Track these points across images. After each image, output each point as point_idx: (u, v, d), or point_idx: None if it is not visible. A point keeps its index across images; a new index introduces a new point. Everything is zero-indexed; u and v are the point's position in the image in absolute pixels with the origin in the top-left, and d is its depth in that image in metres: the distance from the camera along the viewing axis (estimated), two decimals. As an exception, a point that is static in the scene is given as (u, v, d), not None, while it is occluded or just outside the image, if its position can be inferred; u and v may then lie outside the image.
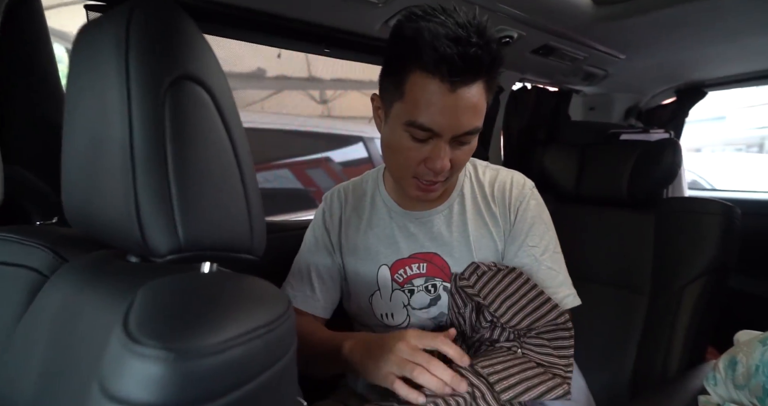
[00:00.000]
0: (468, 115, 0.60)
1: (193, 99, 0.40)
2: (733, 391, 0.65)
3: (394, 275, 0.76)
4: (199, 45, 0.42)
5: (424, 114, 0.60)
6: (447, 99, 0.58)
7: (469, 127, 0.61)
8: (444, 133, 0.61)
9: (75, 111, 0.43)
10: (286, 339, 0.36)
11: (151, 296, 0.30)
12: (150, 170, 0.37)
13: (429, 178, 0.66)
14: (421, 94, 0.59)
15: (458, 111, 0.59)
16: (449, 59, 0.56)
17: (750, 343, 0.66)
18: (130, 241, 0.38)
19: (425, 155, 0.64)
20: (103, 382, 0.25)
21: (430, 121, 0.60)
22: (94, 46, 0.41)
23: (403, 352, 0.58)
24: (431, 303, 0.75)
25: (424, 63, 0.57)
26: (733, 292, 1.04)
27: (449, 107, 0.59)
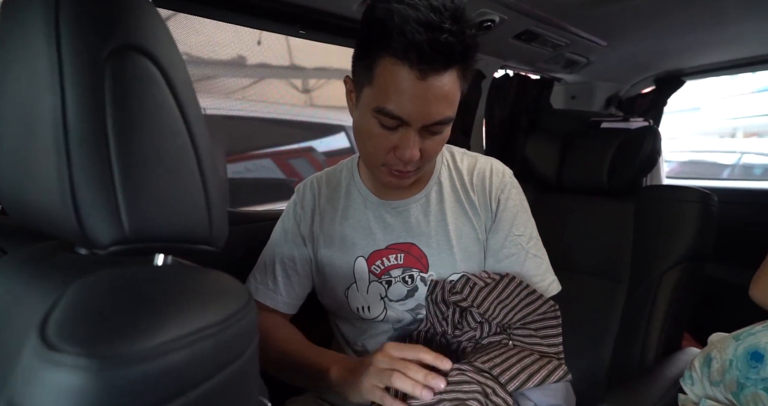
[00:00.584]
0: (439, 104, 0.58)
1: (138, 72, 0.35)
2: (709, 388, 0.65)
3: (371, 267, 0.73)
4: (146, 12, 0.37)
5: (392, 101, 0.57)
6: (416, 87, 0.55)
7: (439, 116, 0.59)
8: (413, 122, 0.58)
9: (2, 85, 0.38)
10: (244, 338, 0.33)
11: (82, 293, 0.26)
12: (87, 151, 0.33)
13: (398, 167, 0.64)
14: (390, 80, 0.56)
15: (428, 100, 0.57)
16: (418, 46, 0.52)
17: (724, 340, 0.66)
18: (66, 230, 0.34)
19: (394, 144, 0.61)
20: (12, 399, 0.21)
21: (398, 109, 0.57)
22: (20, 15, 0.36)
23: (381, 363, 0.57)
24: (408, 294, 0.73)
25: (393, 49, 0.54)
26: (709, 279, 1.05)
27: (418, 96, 0.56)
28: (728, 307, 0.86)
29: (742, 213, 1.49)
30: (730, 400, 0.61)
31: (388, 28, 0.54)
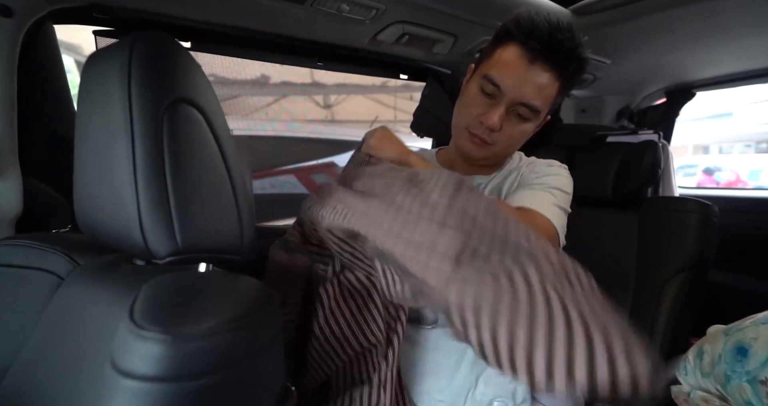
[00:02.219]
0: (533, 88, 0.67)
1: (187, 118, 0.45)
2: (701, 379, 0.69)
3: None
4: (194, 72, 0.47)
5: (498, 70, 0.68)
6: (522, 66, 0.66)
7: (530, 99, 0.68)
8: (507, 93, 0.68)
9: (84, 129, 0.48)
10: (271, 330, 0.41)
11: (152, 291, 0.35)
12: (150, 182, 0.42)
13: (478, 132, 0.72)
14: (506, 56, 0.68)
15: (527, 80, 0.67)
16: (540, 33, 0.64)
17: (716, 334, 0.70)
18: (133, 246, 0.44)
19: (484, 110, 0.70)
20: (114, 361, 0.30)
21: (500, 76, 0.68)
22: (101, 73, 0.46)
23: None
24: None
25: (519, 32, 0.66)
26: (714, 285, 1.08)
27: (521, 74, 0.67)
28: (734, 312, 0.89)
29: (745, 221, 1.50)
30: (719, 391, 0.65)
31: (520, 19, 0.67)
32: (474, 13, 0.96)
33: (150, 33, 0.44)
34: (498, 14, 0.98)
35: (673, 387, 0.75)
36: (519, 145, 0.78)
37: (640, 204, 1.11)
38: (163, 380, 0.29)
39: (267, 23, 0.89)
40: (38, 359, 0.50)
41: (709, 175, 6.11)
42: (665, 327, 0.94)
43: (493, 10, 0.96)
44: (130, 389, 0.29)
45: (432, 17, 0.95)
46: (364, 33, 0.97)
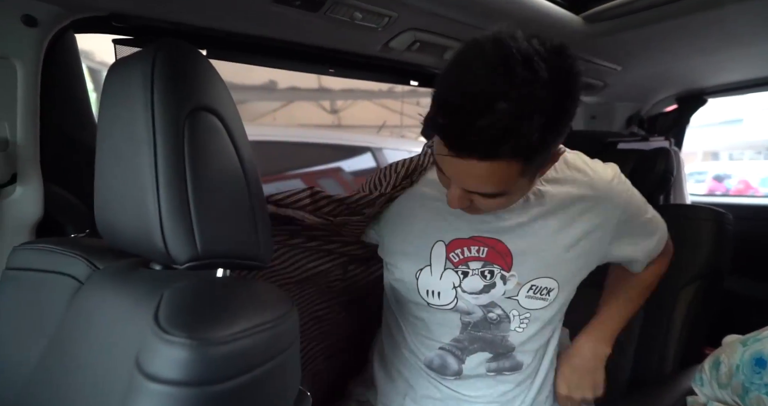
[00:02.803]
0: (481, 182, 0.53)
1: (207, 127, 0.46)
2: (718, 390, 0.68)
3: (449, 254, 0.71)
4: (213, 80, 0.48)
5: (439, 159, 0.55)
6: (452, 162, 0.52)
7: (479, 190, 0.55)
8: (453, 181, 0.57)
9: (106, 137, 0.49)
10: (289, 335, 0.42)
11: (176, 296, 0.36)
12: (172, 189, 0.43)
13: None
14: (438, 143, 0.53)
15: (467, 173, 0.52)
16: (454, 125, 0.48)
17: (732, 344, 0.69)
18: (154, 251, 0.44)
19: (446, 185, 0.60)
20: (140, 365, 0.31)
21: (440, 163, 0.56)
22: (123, 82, 0.47)
23: None
24: (484, 290, 0.71)
25: (433, 121, 0.52)
26: (729, 294, 1.07)
27: (456, 166, 0.52)
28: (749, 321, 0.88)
29: (759, 229, 1.48)
30: (737, 402, 0.64)
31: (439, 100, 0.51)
32: (485, 21, 0.96)
33: (171, 42, 0.45)
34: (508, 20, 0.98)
35: (688, 398, 0.74)
36: (520, 194, 0.61)
37: (653, 211, 1.10)
38: (188, 385, 0.29)
39: (281, 31, 0.90)
40: (59, 361, 0.50)
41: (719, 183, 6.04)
42: (679, 336, 0.94)
43: (502, 17, 0.96)
44: (156, 393, 0.29)
45: (443, 25, 0.96)
46: (376, 40, 0.98)
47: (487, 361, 0.74)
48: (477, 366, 0.74)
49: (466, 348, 0.74)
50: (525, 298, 0.70)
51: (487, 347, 0.73)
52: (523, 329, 0.73)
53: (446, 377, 0.75)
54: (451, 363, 0.74)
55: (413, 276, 0.73)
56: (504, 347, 0.74)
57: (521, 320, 0.72)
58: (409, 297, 0.75)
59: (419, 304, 0.74)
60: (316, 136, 3.09)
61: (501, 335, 0.73)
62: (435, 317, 0.74)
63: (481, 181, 0.53)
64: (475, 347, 0.74)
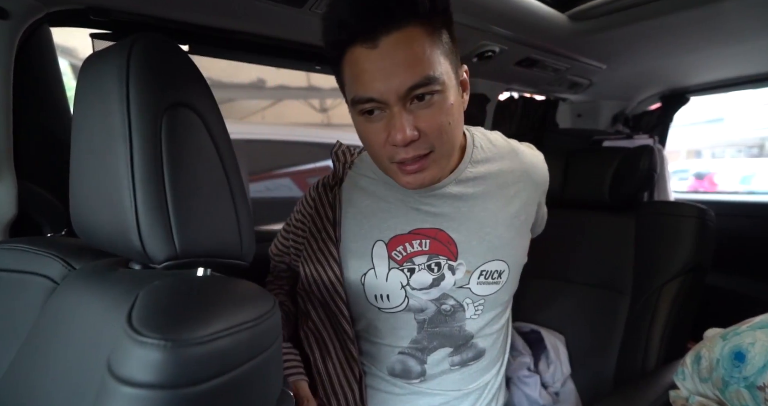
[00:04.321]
0: (405, 67, 0.53)
1: (185, 122, 0.45)
2: (699, 384, 0.69)
3: (391, 253, 0.68)
4: (192, 74, 0.47)
5: (358, 85, 0.55)
6: (372, 59, 0.53)
7: (412, 80, 0.53)
8: (387, 97, 0.54)
9: (81, 133, 0.48)
10: (270, 334, 0.41)
11: (151, 296, 0.35)
12: (148, 186, 0.42)
13: (402, 156, 0.57)
14: (350, 67, 0.55)
15: (390, 68, 0.53)
16: (345, 17, 0.52)
17: (713, 338, 0.70)
18: (131, 250, 0.43)
19: (386, 133, 0.57)
20: (112, 367, 0.30)
21: (366, 90, 0.54)
22: (98, 75, 0.46)
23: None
24: (433, 283, 0.68)
25: (334, 37, 0.55)
26: (711, 289, 1.08)
27: (379, 68, 0.53)
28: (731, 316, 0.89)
29: (742, 225, 1.51)
30: (718, 396, 0.65)
31: (324, 25, 0.55)
32: (471, 18, 0.96)
33: (148, 35, 0.44)
34: (495, 19, 0.99)
35: (671, 392, 0.75)
36: (458, 123, 0.60)
37: (637, 208, 1.12)
38: (161, 387, 0.28)
39: (265, 26, 0.88)
40: (32, 364, 0.49)
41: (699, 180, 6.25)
42: (663, 331, 0.95)
43: (489, 14, 0.96)
44: (128, 396, 0.28)
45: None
46: (362, 37, 0.97)
47: (449, 355, 0.72)
48: (440, 362, 0.72)
49: (426, 347, 0.71)
50: (477, 285, 0.68)
51: (447, 341, 0.71)
52: (478, 315, 0.71)
53: (411, 381, 0.72)
54: (413, 366, 0.72)
55: (359, 282, 0.70)
56: (463, 338, 0.72)
57: (476, 308, 0.70)
58: (359, 305, 0.72)
59: (370, 310, 0.71)
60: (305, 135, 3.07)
61: (458, 326, 0.71)
62: (389, 323, 0.71)
63: (404, 67, 0.53)
64: (435, 344, 0.71)
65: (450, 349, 0.72)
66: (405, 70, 0.53)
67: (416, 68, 0.53)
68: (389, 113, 0.56)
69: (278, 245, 0.86)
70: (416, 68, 0.53)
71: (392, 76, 0.53)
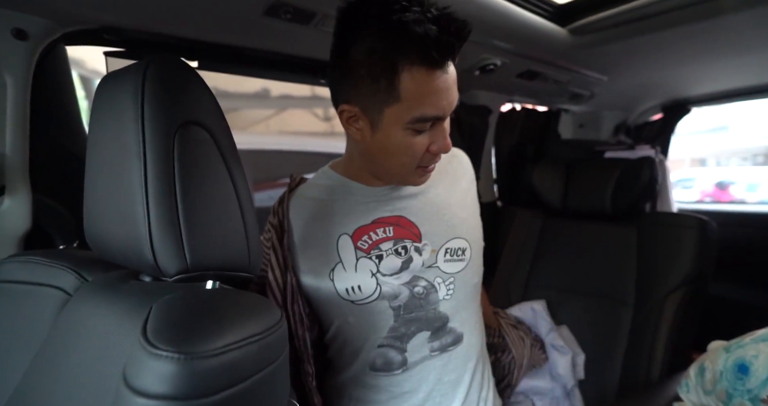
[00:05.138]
0: (455, 87, 0.62)
1: (197, 140, 0.46)
2: (703, 396, 0.69)
3: (356, 243, 0.71)
4: (203, 94, 0.49)
5: (428, 105, 0.60)
6: (442, 81, 0.59)
7: (455, 102, 0.63)
8: (446, 114, 0.62)
9: (96, 149, 0.50)
10: (277, 346, 0.42)
11: (164, 309, 0.36)
12: (161, 202, 0.43)
13: (432, 163, 0.67)
14: (422, 86, 0.58)
15: (451, 88, 0.61)
16: (435, 41, 0.55)
17: (716, 351, 0.70)
18: (143, 263, 0.45)
19: (428, 143, 0.64)
20: (127, 379, 0.31)
21: (435, 109, 0.60)
22: (113, 95, 0.48)
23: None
24: (403, 266, 0.71)
25: (413, 55, 0.57)
26: (716, 299, 1.09)
27: (446, 88, 0.60)
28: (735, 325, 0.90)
29: (744, 235, 1.51)
30: (721, 410, 0.66)
31: (404, 38, 0.56)
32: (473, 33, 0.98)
33: (162, 57, 0.46)
34: (496, 34, 1.01)
35: (675, 404, 0.75)
36: None
37: (639, 218, 1.12)
38: (175, 399, 0.30)
39: (272, 43, 0.91)
40: (46, 375, 0.50)
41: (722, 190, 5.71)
42: (666, 342, 0.95)
43: (491, 29, 0.98)
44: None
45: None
46: (366, 52, 0.99)
47: (429, 341, 0.72)
48: (420, 348, 0.72)
49: (404, 334, 0.72)
50: (444, 262, 0.72)
51: (424, 325, 0.72)
52: (451, 295, 0.73)
53: (393, 372, 0.72)
54: (394, 356, 0.72)
55: (327, 278, 0.70)
56: (439, 320, 0.73)
57: (447, 287, 0.73)
58: (331, 306, 0.73)
59: (343, 306, 0.71)
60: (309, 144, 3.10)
61: (432, 308, 0.72)
62: (363, 315, 0.71)
63: (454, 86, 0.61)
64: (413, 329, 0.72)
65: (428, 332, 0.72)
66: (455, 90, 0.62)
67: (456, 90, 0.62)
68: (439, 125, 0.63)
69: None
70: (456, 90, 0.62)
71: (452, 96, 0.61)
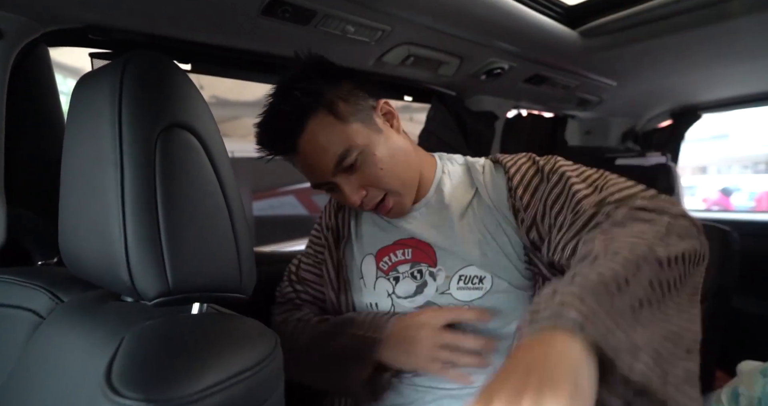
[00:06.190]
0: (322, 155, 0.64)
1: (182, 145, 0.41)
2: (738, 424, 0.64)
3: (379, 263, 0.74)
4: (190, 94, 0.44)
5: (306, 176, 0.68)
6: (298, 161, 0.66)
7: (331, 163, 0.64)
8: (324, 178, 0.66)
9: (71, 156, 0.45)
10: (272, 381, 0.37)
11: (135, 342, 0.31)
12: (140, 215, 0.38)
13: (367, 209, 0.70)
14: (293, 165, 0.68)
15: (313, 162, 0.65)
16: (264, 145, 0.66)
17: (751, 374, 0.65)
18: (119, 285, 0.39)
19: (341, 199, 0.69)
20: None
21: (309, 180, 0.68)
22: (90, 96, 0.43)
23: (428, 340, 0.62)
24: (417, 291, 0.71)
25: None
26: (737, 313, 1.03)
27: (305, 165, 0.66)
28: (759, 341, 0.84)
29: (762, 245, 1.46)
30: (760, 443, 0.60)
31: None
32: (480, 35, 0.94)
33: (144, 53, 0.41)
34: (504, 36, 0.97)
35: (705, 431, 0.69)
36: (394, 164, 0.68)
37: (655, 229, 1.07)
38: (141, 460, 0.24)
39: (270, 45, 0.86)
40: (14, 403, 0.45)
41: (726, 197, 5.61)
42: (689, 361, 0.89)
43: (499, 31, 0.94)
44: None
45: (438, 39, 0.93)
46: (369, 54, 0.95)
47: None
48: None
49: None
50: (457, 290, 0.69)
51: None
52: (464, 325, 0.68)
53: (404, 375, 0.70)
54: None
55: (350, 292, 0.76)
56: None
57: None
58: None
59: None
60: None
61: None
62: None
63: (321, 155, 0.64)
64: None
65: None
66: (324, 158, 0.64)
67: (331, 152, 0.63)
68: (334, 186, 0.67)
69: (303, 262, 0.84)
70: (331, 152, 0.63)
71: (317, 167, 0.65)
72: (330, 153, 0.63)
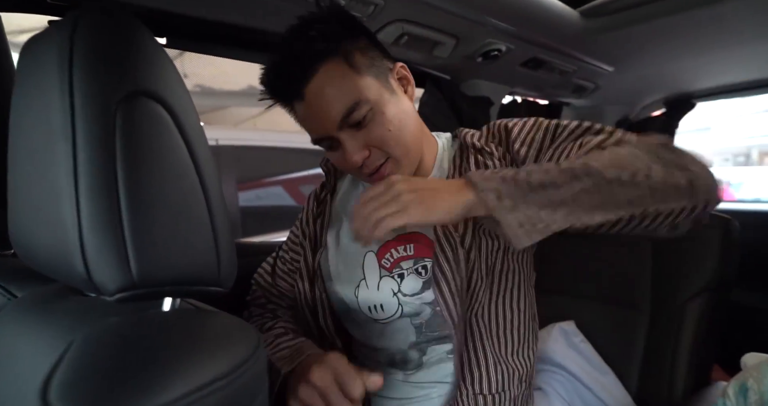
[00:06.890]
0: (330, 105, 0.59)
1: (148, 117, 0.36)
2: (747, 419, 0.61)
3: (381, 260, 0.70)
4: (156, 57, 0.38)
5: (305, 129, 0.64)
6: (302, 108, 0.61)
7: (338, 115, 0.59)
8: (329, 131, 0.61)
9: (19, 132, 0.39)
10: (252, 388, 0.32)
11: (86, 349, 0.26)
12: (96, 197, 0.33)
13: (366, 171, 0.64)
14: (295, 116, 0.64)
15: (318, 111, 0.60)
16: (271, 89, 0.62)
17: (759, 367, 0.62)
18: (74, 278, 0.34)
19: (341, 157, 0.63)
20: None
21: (310, 132, 0.64)
22: (37, 60, 0.37)
23: (303, 392, 0.52)
24: (424, 287, 0.68)
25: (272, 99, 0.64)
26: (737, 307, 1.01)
27: (309, 114, 0.61)
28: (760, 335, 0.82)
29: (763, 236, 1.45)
30: (770, 438, 0.57)
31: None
32: (478, 13, 0.89)
33: (98, 8, 0.35)
34: (503, 14, 0.92)
35: (711, 427, 0.66)
36: (402, 126, 0.63)
37: (653, 218, 1.04)
38: None
39: (256, 19, 0.80)
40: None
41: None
42: (690, 353, 0.86)
43: (498, 9, 0.89)
44: None
45: (434, 16, 0.88)
46: (360, 32, 0.89)
47: (448, 353, 0.69)
48: (439, 353, 0.70)
49: (426, 345, 0.70)
50: None
51: (447, 339, 0.69)
52: None
53: (407, 371, 0.71)
54: (413, 356, 0.71)
55: (353, 294, 0.71)
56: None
57: None
58: (357, 318, 0.74)
59: (368, 322, 0.72)
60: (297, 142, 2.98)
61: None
62: (385, 333, 0.71)
63: (329, 105, 0.59)
64: (433, 343, 0.70)
65: (450, 345, 0.68)
66: (331, 108, 0.59)
67: (340, 103, 0.59)
68: (337, 142, 0.62)
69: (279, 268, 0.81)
70: (340, 103, 0.59)
71: (323, 117, 0.60)
72: (339, 104, 0.59)
